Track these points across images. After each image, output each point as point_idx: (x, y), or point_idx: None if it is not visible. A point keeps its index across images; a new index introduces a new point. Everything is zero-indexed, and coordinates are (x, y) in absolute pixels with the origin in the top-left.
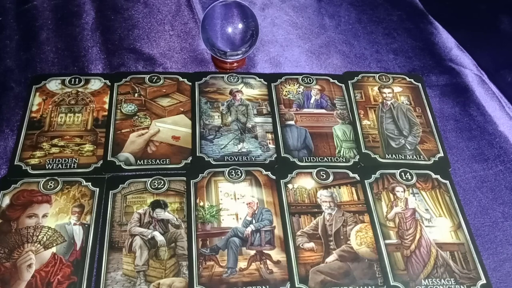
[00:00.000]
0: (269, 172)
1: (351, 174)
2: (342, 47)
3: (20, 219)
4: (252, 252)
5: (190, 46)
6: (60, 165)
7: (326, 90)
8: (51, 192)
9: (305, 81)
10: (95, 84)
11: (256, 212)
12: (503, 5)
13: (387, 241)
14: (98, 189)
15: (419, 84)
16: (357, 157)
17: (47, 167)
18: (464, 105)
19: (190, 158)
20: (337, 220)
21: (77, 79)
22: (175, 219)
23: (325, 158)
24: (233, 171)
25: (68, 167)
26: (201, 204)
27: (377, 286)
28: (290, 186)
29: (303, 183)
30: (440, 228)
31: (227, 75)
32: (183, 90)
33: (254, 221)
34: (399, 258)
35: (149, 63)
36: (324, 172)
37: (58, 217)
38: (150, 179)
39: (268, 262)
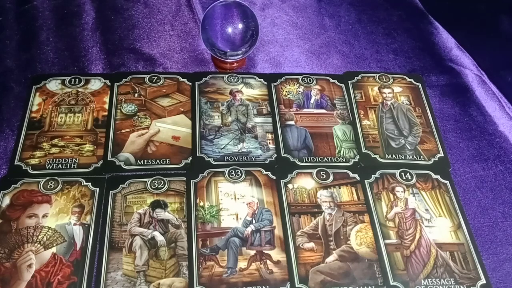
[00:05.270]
0: (269, 172)
1: (351, 174)
2: (342, 47)
3: (20, 219)
4: (252, 252)
5: (190, 46)
6: (60, 165)
7: (326, 90)
8: (51, 192)
9: (305, 81)
10: (95, 84)
11: (256, 212)
12: (503, 5)
13: (387, 241)
14: (98, 189)
15: (419, 84)
16: (357, 157)
17: (47, 167)
18: (464, 105)
19: (190, 158)
20: (337, 220)
21: (77, 79)
22: (175, 219)
23: (325, 158)
24: (233, 171)
25: (68, 167)
26: (201, 204)
27: (377, 286)
28: (290, 186)
29: (303, 183)
30: (440, 228)
31: (227, 75)
32: (183, 90)
33: (254, 221)
34: (399, 258)
35: (149, 63)
36: (324, 172)
37: (58, 217)
38: (150, 179)
39: (268, 262)
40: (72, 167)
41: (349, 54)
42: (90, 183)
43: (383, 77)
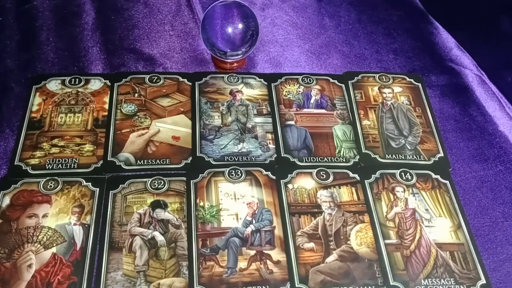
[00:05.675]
0: (269, 172)
1: (351, 174)
2: (342, 47)
3: (20, 219)
4: (252, 252)
5: (190, 46)
6: (60, 165)
7: (326, 90)
8: (51, 192)
9: (305, 81)
10: (95, 84)
11: (256, 212)
12: (503, 5)
13: (387, 241)
14: (98, 189)
15: (419, 84)
16: (357, 157)
17: (47, 167)
18: (464, 105)
19: (190, 158)
20: (337, 220)
21: (77, 79)
22: (175, 219)
23: (325, 158)
24: (233, 171)
25: (68, 167)
26: (201, 204)
27: (377, 286)
28: (290, 186)
29: (303, 183)
30: (440, 228)
31: (227, 75)
32: (183, 90)
33: (254, 221)
34: (399, 258)
35: (149, 63)
36: (324, 172)
37: (58, 217)
38: (150, 179)
39: (268, 262)
40: (72, 167)
41: (349, 54)
42: (90, 183)
43: (383, 77)
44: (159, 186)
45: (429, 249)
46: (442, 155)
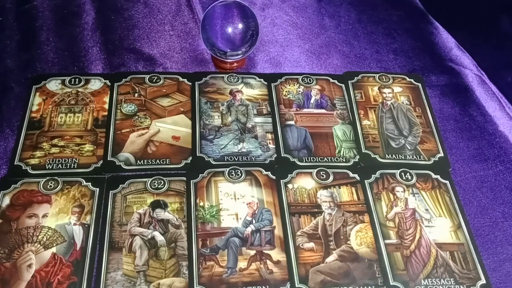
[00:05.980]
0: (269, 172)
1: (351, 174)
2: (342, 47)
3: (20, 219)
4: (252, 252)
5: (190, 46)
6: (60, 165)
7: (326, 90)
8: (51, 192)
9: (305, 81)
10: (95, 84)
11: (256, 212)
12: (503, 5)
13: (387, 241)
14: (98, 189)
15: (419, 84)
16: (357, 157)
17: (47, 167)
18: (464, 105)
19: (190, 158)
20: (337, 220)
21: (77, 79)
22: (175, 219)
23: (325, 158)
24: (233, 171)
25: (68, 167)
26: (201, 204)
27: (377, 286)
28: (290, 186)
29: (303, 183)
30: (440, 228)
31: (227, 75)
32: (183, 90)
33: (254, 221)
34: (399, 258)
35: (149, 63)
36: (324, 172)
37: (58, 217)
38: (150, 179)
39: (268, 262)
40: (72, 167)
41: (349, 54)
42: (90, 183)
43: (383, 77)
44: (159, 186)
45: (429, 249)
46: (442, 155)
